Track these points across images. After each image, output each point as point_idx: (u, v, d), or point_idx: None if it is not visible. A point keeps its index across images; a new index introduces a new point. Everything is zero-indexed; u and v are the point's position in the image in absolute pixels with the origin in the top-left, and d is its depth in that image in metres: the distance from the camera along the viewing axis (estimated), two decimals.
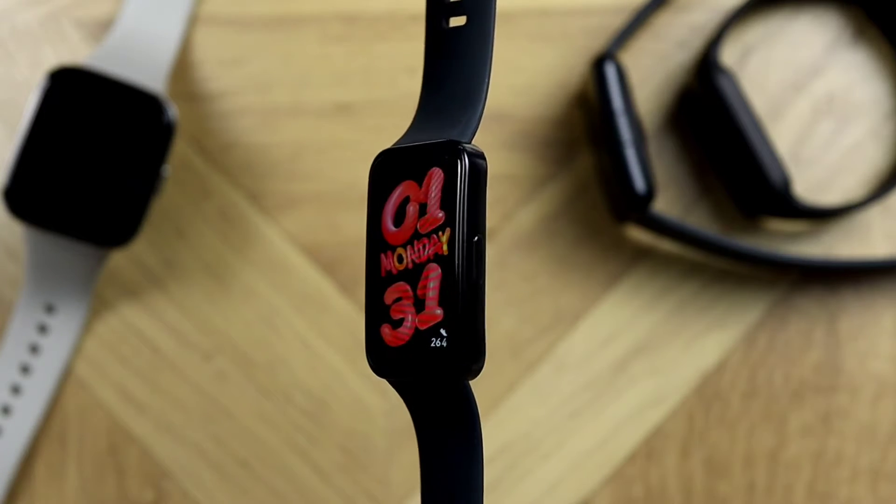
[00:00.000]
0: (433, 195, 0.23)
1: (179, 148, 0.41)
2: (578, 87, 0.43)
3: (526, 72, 0.43)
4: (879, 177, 0.43)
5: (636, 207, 0.39)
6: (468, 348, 0.23)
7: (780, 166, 0.40)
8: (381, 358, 0.24)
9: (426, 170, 0.24)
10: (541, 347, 0.41)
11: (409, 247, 0.24)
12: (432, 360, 0.23)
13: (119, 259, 0.40)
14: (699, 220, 0.42)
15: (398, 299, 0.24)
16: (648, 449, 0.41)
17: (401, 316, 0.24)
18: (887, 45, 0.44)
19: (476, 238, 0.23)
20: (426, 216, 0.23)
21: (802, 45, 0.44)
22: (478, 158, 0.24)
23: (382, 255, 0.24)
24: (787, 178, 0.40)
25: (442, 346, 0.23)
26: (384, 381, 0.41)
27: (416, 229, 0.24)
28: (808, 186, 0.43)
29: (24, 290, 0.39)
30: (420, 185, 0.24)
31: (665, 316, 0.42)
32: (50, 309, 0.39)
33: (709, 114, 0.41)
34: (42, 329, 0.39)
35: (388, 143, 0.29)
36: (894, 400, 0.42)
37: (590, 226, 0.42)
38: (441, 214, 0.23)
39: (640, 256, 0.42)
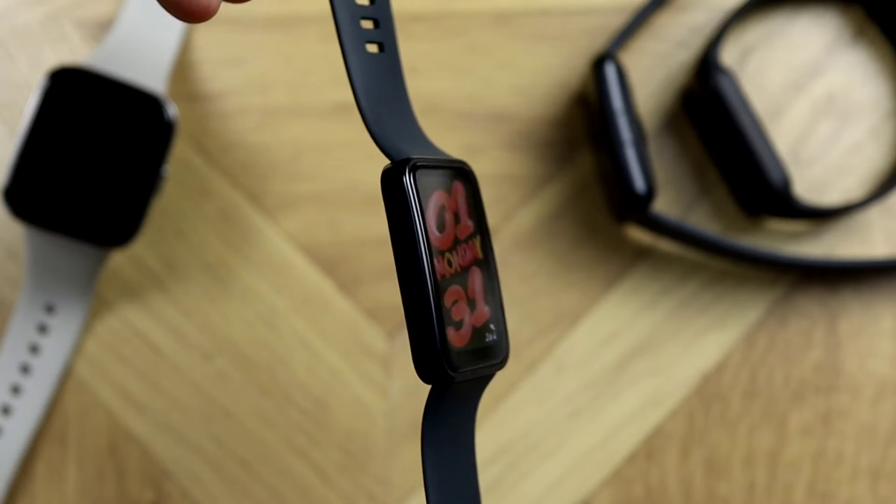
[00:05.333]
0: (462, 206, 0.26)
1: (179, 148, 0.41)
2: (578, 87, 0.43)
3: (526, 72, 0.43)
4: (879, 177, 0.43)
5: (636, 207, 0.39)
6: (507, 338, 0.26)
7: (780, 166, 0.40)
8: (450, 359, 0.24)
9: (451, 182, 0.25)
10: (541, 347, 0.41)
11: (454, 252, 0.25)
12: (490, 354, 0.25)
13: (119, 259, 0.40)
14: (699, 220, 0.42)
15: (455, 302, 0.25)
16: (648, 449, 0.41)
17: (460, 318, 0.25)
18: (887, 45, 0.44)
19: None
20: (461, 224, 0.25)
21: (802, 45, 0.44)
22: None
23: (437, 260, 0.24)
24: (787, 178, 0.40)
25: (494, 339, 0.26)
26: (384, 381, 0.41)
27: (456, 236, 0.25)
28: (808, 186, 0.43)
29: (24, 290, 0.39)
30: (450, 195, 0.25)
31: (665, 316, 0.42)
32: (50, 309, 0.39)
33: (709, 114, 0.41)
34: (42, 329, 0.39)
35: None
36: (894, 400, 0.42)
37: (590, 226, 0.42)
38: (471, 223, 0.26)
39: (640, 256, 0.42)
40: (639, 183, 0.39)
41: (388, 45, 0.27)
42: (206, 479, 0.40)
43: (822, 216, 0.42)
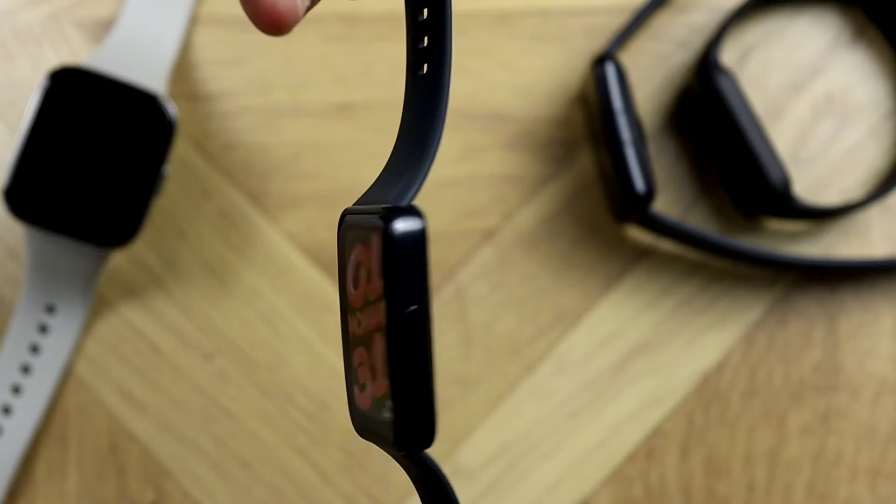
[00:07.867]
0: (375, 263, 0.21)
1: (180, 148, 0.41)
2: (579, 88, 0.43)
3: (526, 72, 0.43)
4: (879, 177, 0.43)
5: (636, 207, 0.39)
6: (410, 426, 0.21)
7: (779, 166, 0.40)
8: (354, 417, 0.23)
9: (370, 235, 0.22)
10: (541, 347, 0.41)
11: (362, 313, 0.22)
12: (384, 430, 0.22)
13: (119, 259, 0.40)
14: (699, 220, 0.42)
15: (361, 363, 0.22)
16: (648, 449, 0.41)
17: (363, 381, 0.22)
18: (887, 45, 0.44)
19: (412, 308, 0.21)
20: (371, 283, 0.22)
21: (802, 45, 0.44)
22: (412, 223, 0.21)
23: (350, 317, 0.22)
24: (787, 178, 0.40)
25: (390, 417, 0.22)
26: None
27: (366, 296, 0.22)
28: (808, 186, 0.43)
29: (25, 290, 0.39)
30: (368, 250, 0.22)
31: (665, 316, 0.42)
32: (50, 309, 0.39)
33: (709, 114, 0.41)
34: (42, 329, 0.39)
35: (388, 144, 0.29)
36: (894, 400, 0.42)
37: (590, 226, 0.42)
38: (380, 283, 0.21)
39: (640, 256, 0.42)
40: (639, 183, 0.39)
41: (431, 65, 0.23)
42: (206, 479, 0.40)
43: (822, 216, 0.42)
